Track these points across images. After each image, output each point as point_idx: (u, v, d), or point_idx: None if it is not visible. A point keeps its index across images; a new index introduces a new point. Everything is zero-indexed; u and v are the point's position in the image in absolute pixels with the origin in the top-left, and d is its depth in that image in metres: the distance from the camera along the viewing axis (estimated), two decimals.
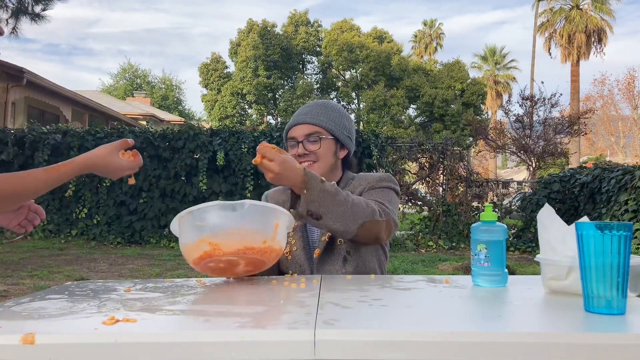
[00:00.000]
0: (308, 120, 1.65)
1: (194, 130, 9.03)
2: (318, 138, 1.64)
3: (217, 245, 1.20)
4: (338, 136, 1.67)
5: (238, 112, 33.14)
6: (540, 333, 0.82)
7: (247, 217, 1.21)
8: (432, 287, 1.23)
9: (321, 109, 1.68)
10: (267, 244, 1.23)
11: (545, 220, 1.15)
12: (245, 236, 1.21)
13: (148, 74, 43.51)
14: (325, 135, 1.64)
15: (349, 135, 1.71)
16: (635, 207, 7.59)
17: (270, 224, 1.24)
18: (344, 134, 1.69)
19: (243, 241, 1.21)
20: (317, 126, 1.64)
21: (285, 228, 1.31)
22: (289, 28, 33.10)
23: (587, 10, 29.30)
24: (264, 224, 1.24)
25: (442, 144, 10.28)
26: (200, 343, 0.80)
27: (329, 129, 1.65)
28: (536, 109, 15.55)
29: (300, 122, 1.65)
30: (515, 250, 9.05)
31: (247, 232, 1.21)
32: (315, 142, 1.63)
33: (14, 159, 9.15)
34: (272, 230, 1.24)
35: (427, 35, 40.23)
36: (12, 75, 12.75)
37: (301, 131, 1.64)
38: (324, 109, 1.68)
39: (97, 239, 8.80)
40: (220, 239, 1.20)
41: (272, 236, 1.24)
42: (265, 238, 1.23)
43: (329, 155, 1.65)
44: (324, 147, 1.64)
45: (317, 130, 1.64)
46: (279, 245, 1.27)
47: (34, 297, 1.14)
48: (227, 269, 1.28)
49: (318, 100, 1.75)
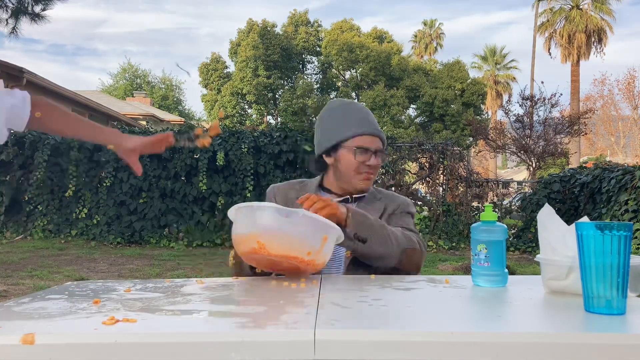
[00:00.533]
0: (380, 134, 1.68)
1: (194, 130, 9.02)
2: (384, 154, 1.69)
3: (264, 245, 1.24)
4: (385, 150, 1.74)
5: (238, 112, 33.14)
6: (540, 333, 0.82)
7: (298, 226, 1.25)
8: (432, 287, 1.23)
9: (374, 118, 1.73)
10: (311, 256, 1.25)
11: (545, 220, 1.15)
12: (292, 243, 1.24)
13: (148, 74, 43.52)
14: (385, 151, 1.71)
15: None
16: (635, 207, 7.59)
17: (319, 237, 1.27)
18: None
19: (289, 248, 1.24)
20: (383, 140, 1.69)
21: (333, 242, 1.33)
22: (289, 28, 33.10)
23: (587, 10, 29.29)
24: (312, 236, 1.26)
25: (442, 144, 10.28)
26: (200, 343, 0.80)
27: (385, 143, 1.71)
28: (536, 109, 15.55)
29: (375, 134, 1.66)
30: (515, 250, 9.06)
31: (295, 239, 1.24)
32: (381, 157, 1.67)
33: (14, 159, 9.15)
34: (319, 243, 1.26)
35: (427, 35, 40.21)
36: (12, 75, 12.75)
37: (376, 144, 1.66)
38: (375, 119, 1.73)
39: (97, 239, 8.80)
40: (267, 240, 1.24)
41: (317, 249, 1.26)
42: (311, 250, 1.25)
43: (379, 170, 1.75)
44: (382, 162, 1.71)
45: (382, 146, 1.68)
46: (323, 259, 1.30)
47: (34, 297, 1.14)
48: (270, 266, 1.34)
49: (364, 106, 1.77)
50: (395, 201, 1.72)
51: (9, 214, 9.30)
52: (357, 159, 1.63)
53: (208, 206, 9.06)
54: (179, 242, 8.71)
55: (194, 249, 8.50)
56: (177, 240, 8.77)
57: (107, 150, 6.66)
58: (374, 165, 1.65)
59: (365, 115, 1.69)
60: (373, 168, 1.65)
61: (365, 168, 1.64)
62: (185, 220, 9.01)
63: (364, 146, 1.63)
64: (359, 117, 1.68)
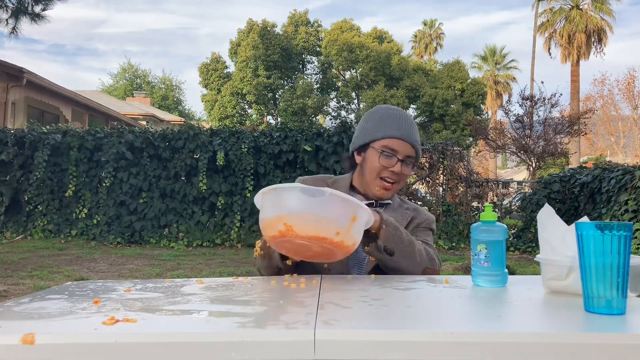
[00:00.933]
0: (412, 142, 1.60)
1: (194, 130, 9.03)
2: (413, 164, 1.62)
3: (291, 227, 1.20)
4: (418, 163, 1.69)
5: (238, 112, 33.14)
6: (540, 333, 0.82)
7: (325, 205, 1.20)
8: (432, 287, 1.23)
9: (415, 128, 1.65)
10: (340, 237, 1.21)
11: (545, 220, 1.15)
12: (319, 223, 1.19)
13: (148, 74, 43.52)
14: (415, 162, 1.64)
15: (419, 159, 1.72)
16: (635, 207, 7.59)
17: (347, 216, 1.21)
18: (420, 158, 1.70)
19: (317, 228, 1.19)
20: (416, 150, 1.62)
21: (363, 224, 1.28)
22: (289, 28, 33.11)
23: (587, 10, 29.30)
24: (340, 215, 1.21)
25: (442, 144, 10.28)
26: (200, 343, 0.80)
27: (419, 154, 1.65)
28: (536, 109, 15.56)
29: (406, 140, 1.59)
30: (515, 250, 9.06)
31: (322, 219, 1.19)
32: (409, 167, 1.61)
33: (14, 159, 9.15)
34: (348, 223, 1.21)
35: (427, 35, 40.22)
36: (12, 75, 12.77)
37: (405, 149, 1.59)
38: (415, 128, 1.65)
39: (97, 239, 8.80)
40: (294, 221, 1.20)
41: (346, 229, 1.21)
42: (339, 230, 1.20)
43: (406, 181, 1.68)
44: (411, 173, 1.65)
45: (414, 154, 1.62)
46: (352, 240, 1.24)
47: (34, 297, 1.13)
48: (299, 252, 1.30)
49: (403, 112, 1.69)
50: (422, 215, 1.71)
51: (9, 214, 9.30)
52: (381, 162, 1.58)
53: (208, 206, 9.06)
54: (179, 242, 8.71)
55: (194, 249, 8.50)
56: (177, 240, 8.77)
57: (107, 150, 6.69)
58: (398, 173, 1.58)
59: (403, 121, 1.62)
60: (396, 175, 1.58)
61: (387, 173, 1.58)
62: (185, 220, 9.01)
63: (391, 147, 1.58)
64: (396, 121, 1.62)
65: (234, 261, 7.19)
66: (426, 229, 1.70)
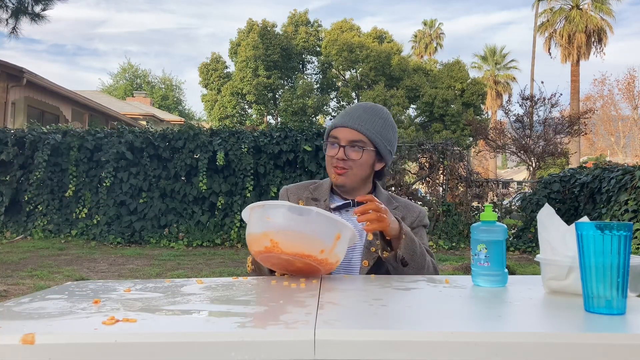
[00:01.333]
0: (355, 126, 1.59)
1: (194, 130, 9.03)
2: (361, 148, 1.59)
3: (277, 243, 1.24)
4: (380, 149, 1.62)
5: (238, 112, 33.14)
6: (540, 333, 0.82)
7: (311, 224, 1.24)
8: (432, 287, 1.23)
9: (370, 115, 1.62)
10: (324, 255, 1.25)
11: (545, 220, 1.15)
12: (305, 241, 1.24)
13: (148, 74, 43.53)
14: (368, 147, 1.60)
15: (391, 149, 1.66)
16: (635, 207, 7.59)
17: (332, 235, 1.26)
18: (387, 148, 1.64)
19: (301, 246, 1.24)
20: (363, 134, 1.59)
21: (347, 242, 1.31)
22: (288, 28, 33.10)
23: (587, 10, 29.30)
24: (325, 234, 1.25)
25: (442, 144, 10.28)
26: (200, 343, 0.79)
27: (374, 140, 1.60)
28: (536, 109, 15.56)
29: (346, 125, 1.59)
30: (515, 250, 9.06)
31: (307, 237, 1.24)
32: (357, 151, 1.59)
33: (14, 159, 9.15)
34: (332, 241, 1.25)
35: (427, 35, 40.23)
36: (12, 75, 12.77)
37: (346, 135, 1.59)
38: (372, 116, 1.62)
39: (97, 239, 8.80)
40: (280, 238, 1.24)
41: (330, 247, 1.25)
42: (324, 248, 1.24)
43: (365, 167, 1.62)
44: (364, 157, 1.60)
45: (361, 138, 1.59)
46: (336, 258, 1.28)
47: (34, 297, 1.13)
48: (284, 266, 1.33)
49: (370, 104, 1.68)
50: (413, 212, 1.68)
51: (9, 214, 9.30)
52: (327, 153, 1.62)
53: (208, 206, 9.06)
54: (179, 242, 8.71)
55: (194, 249, 8.50)
56: (177, 240, 8.77)
57: (107, 150, 6.69)
58: (342, 158, 1.58)
59: (354, 110, 1.63)
60: (342, 161, 1.58)
61: (334, 161, 1.59)
62: (185, 220, 9.01)
63: (334, 135, 1.61)
64: (345, 112, 1.65)
65: (234, 261, 7.19)
66: (420, 228, 1.67)
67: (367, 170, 1.63)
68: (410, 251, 1.45)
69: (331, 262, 1.27)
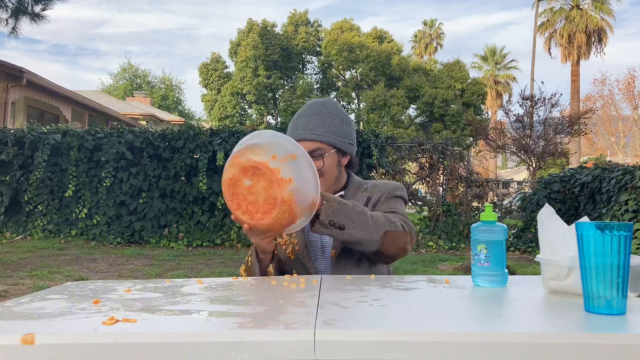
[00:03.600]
0: (308, 137, 1.57)
1: (194, 130, 9.03)
2: (320, 156, 1.57)
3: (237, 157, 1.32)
4: (340, 147, 1.61)
5: (238, 112, 33.15)
6: (540, 333, 0.82)
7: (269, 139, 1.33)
8: (432, 287, 1.23)
9: (319, 119, 1.60)
10: (276, 162, 1.27)
11: (545, 220, 1.15)
12: (260, 150, 1.30)
13: (148, 74, 43.53)
14: (327, 151, 1.58)
15: (350, 141, 1.65)
16: (636, 207, 7.59)
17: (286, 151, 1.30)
18: (346, 142, 1.63)
19: (257, 156, 1.29)
20: (318, 142, 1.58)
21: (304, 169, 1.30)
22: (289, 28, 33.11)
23: (587, 10, 29.31)
24: (280, 147, 1.30)
25: (442, 144, 10.28)
26: (200, 343, 0.79)
27: (330, 142, 1.59)
28: (536, 109, 15.57)
29: (300, 139, 1.57)
30: (515, 250, 9.06)
31: (262, 147, 1.31)
32: (318, 159, 1.56)
33: (13, 159, 9.15)
34: (286, 154, 1.29)
35: (427, 35, 40.24)
36: (12, 75, 12.76)
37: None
38: (321, 119, 1.60)
39: (97, 239, 8.80)
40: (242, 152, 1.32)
41: (283, 157, 1.28)
42: (276, 154, 1.28)
43: (332, 169, 1.61)
44: (327, 162, 1.58)
45: (318, 146, 1.57)
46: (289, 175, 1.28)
47: (34, 297, 1.13)
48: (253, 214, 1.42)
49: (314, 106, 1.65)
50: (379, 189, 1.65)
51: (9, 214, 9.30)
52: None
53: (208, 206, 9.06)
54: (179, 242, 8.71)
55: (194, 249, 8.50)
56: (177, 241, 8.77)
57: (107, 150, 6.68)
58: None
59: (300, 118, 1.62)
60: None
61: None
62: (185, 220, 9.01)
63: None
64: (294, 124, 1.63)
65: (234, 261, 7.19)
66: (389, 199, 1.64)
67: (335, 171, 1.63)
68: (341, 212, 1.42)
69: (284, 178, 1.26)
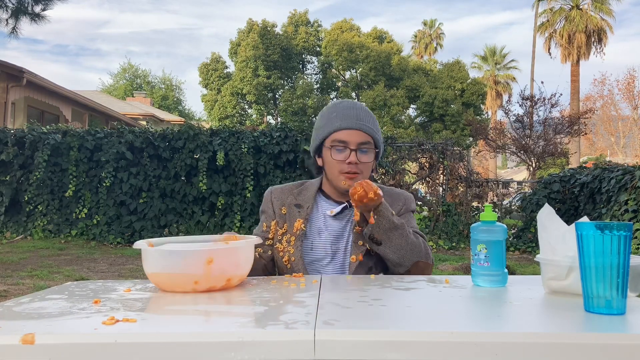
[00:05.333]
0: (364, 128, 1.54)
1: (194, 130, 9.03)
2: (370, 150, 1.56)
3: (157, 283, 1.20)
4: (379, 147, 1.61)
5: (238, 112, 33.14)
6: (540, 333, 0.82)
7: (174, 263, 1.15)
8: (432, 287, 1.23)
9: (369, 116, 1.59)
10: (201, 285, 1.15)
11: (545, 220, 1.15)
12: (176, 281, 1.16)
13: (148, 74, 43.53)
14: (373, 148, 1.58)
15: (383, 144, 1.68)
16: (635, 207, 7.59)
17: (200, 264, 1.14)
18: (382, 144, 1.64)
19: (177, 286, 1.16)
20: (370, 136, 1.56)
21: (223, 260, 1.16)
22: (289, 28, 33.10)
23: (587, 10, 29.29)
24: (190, 267, 1.14)
25: (442, 144, 10.28)
26: (200, 343, 0.80)
27: (377, 139, 1.58)
28: (536, 109, 15.57)
29: (355, 128, 1.53)
30: (515, 250, 9.05)
31: (176, 277, 1.15)
32: (367, 153, 1.55)
33: (14, 159, 9.15)
34: (203, 268, 1.14)
35: (427, 35, 40.22)
36: (12, 75, 12.76)
37: (355, 138, 1.53)
38: (371, 117, 1.60)
39: (97, 239, 8.80)
40: (157, 280, 1.20)
41: (203, 274, 1.14)
42: (197, 279, 1.14)
43: (370, 167, 1.60)
44: (371, 159, 1.58)
45: (369, 140, 1.55)
46: (223, 275, 1.17)
47: (34, 297, 1.13)
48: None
49: (355, 103, 1.63)
50: (398, 199, 1.64)
51: (9, 214, 9.30)
52: (335, 157, 1.53)
53: (208, 206, 9.06)
54: None
55: None
56: None
57: (107, 150, 6.69)
58: (355, 163, 1.52)
59: (351, 110, 1.57)
60: (355, 166, 1.52)
61: (346, 167, 1.52)
62: (185, 220, 9.01)
63: (340, 140, 1.53)
64: (341, 112, 1.57)
65: None
66: (407, 213, 1.64)
67: (370, 170, 1.61)
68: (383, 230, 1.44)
69: (215, 285, 1.16)
